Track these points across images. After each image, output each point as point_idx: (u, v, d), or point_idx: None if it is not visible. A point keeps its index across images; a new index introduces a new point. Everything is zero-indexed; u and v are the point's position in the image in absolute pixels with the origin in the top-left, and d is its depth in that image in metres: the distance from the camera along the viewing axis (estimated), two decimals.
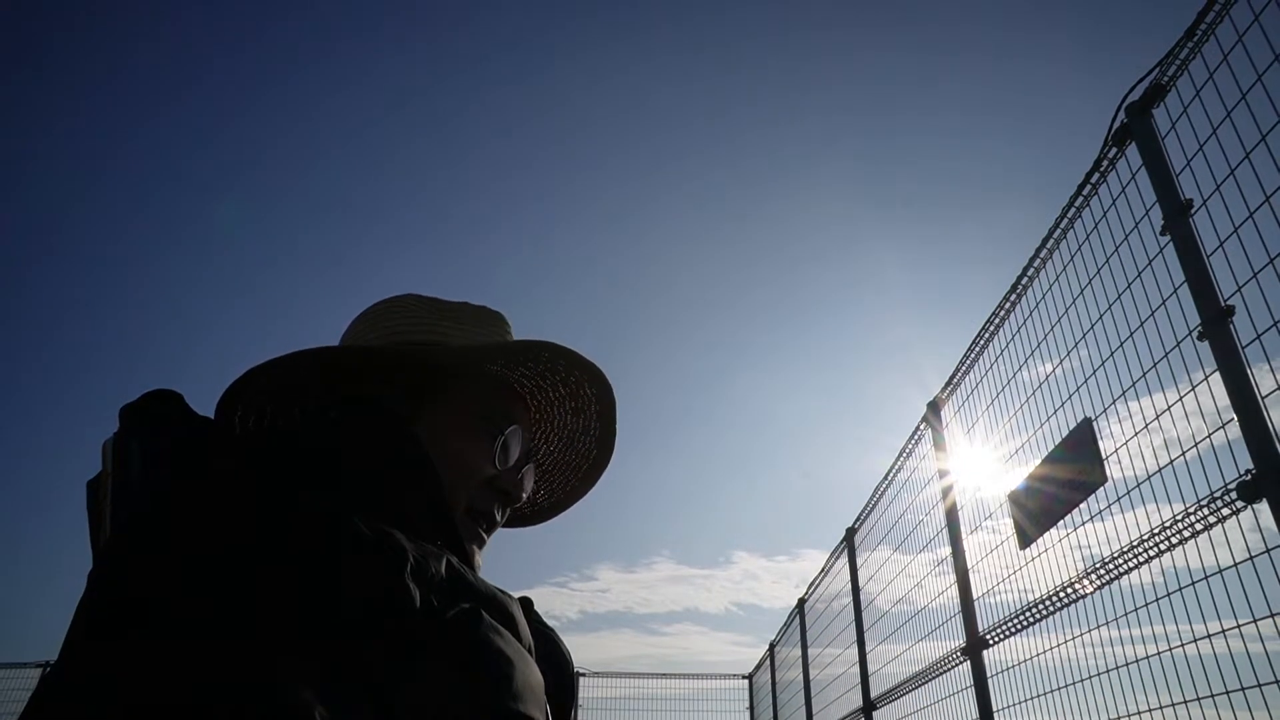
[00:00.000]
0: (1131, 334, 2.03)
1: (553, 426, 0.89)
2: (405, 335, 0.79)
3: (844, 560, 5.15)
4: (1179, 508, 1.83)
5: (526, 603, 0.77)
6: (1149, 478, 1.95)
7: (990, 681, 2.91)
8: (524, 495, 0.81)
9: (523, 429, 0.80)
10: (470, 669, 0.55)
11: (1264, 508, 1.58)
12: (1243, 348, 1.68)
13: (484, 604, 0.62)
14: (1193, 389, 1.80)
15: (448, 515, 0.69)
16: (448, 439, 0.73)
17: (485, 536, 0.77)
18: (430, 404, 0.76)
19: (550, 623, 0.81)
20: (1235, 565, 1.67)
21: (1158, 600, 1.92)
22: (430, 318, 0.80)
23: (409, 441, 0.70)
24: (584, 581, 12.42)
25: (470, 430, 0.76)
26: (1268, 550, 1.59)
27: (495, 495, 0.76)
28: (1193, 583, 1.79)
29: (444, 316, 0.81)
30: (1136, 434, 2.00)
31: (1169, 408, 1.88)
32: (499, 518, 0.78)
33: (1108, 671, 2.12)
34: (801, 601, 6.52)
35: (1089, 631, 2.23)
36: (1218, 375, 1.72)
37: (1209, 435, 1.74)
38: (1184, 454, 1.82)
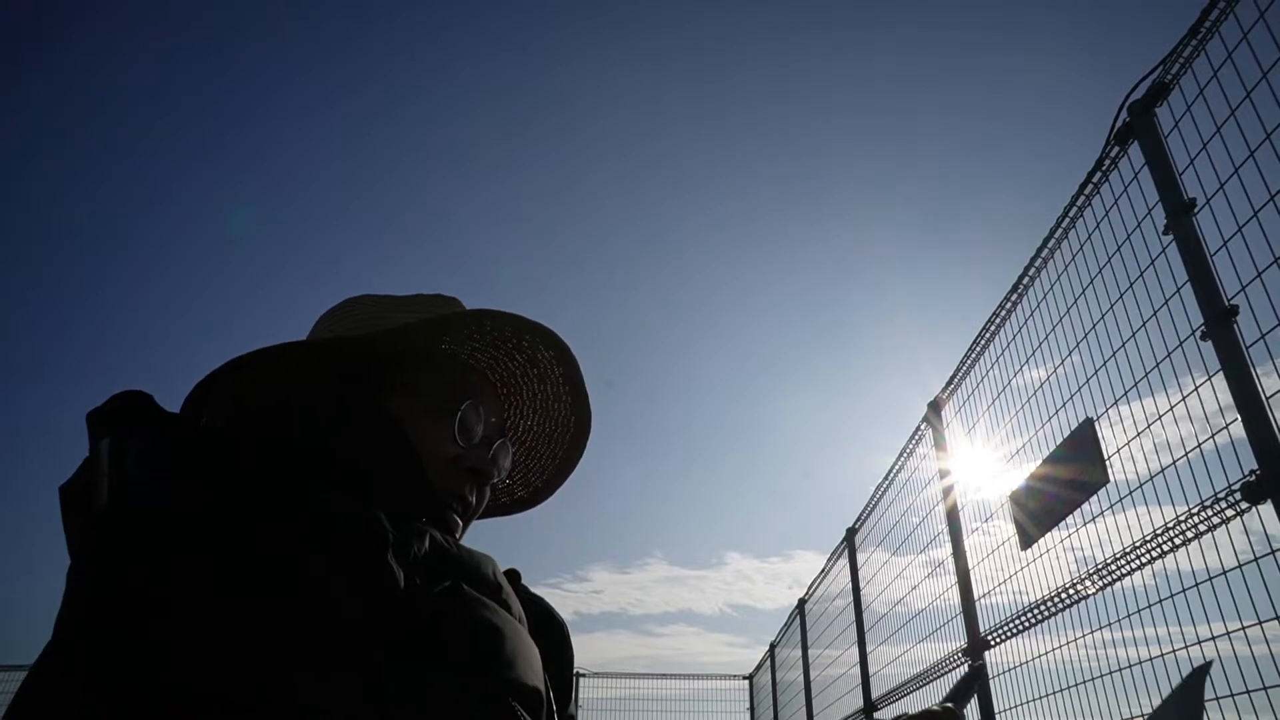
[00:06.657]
0: (1134, 334, 2.02)
1: (522, 397, 0.86)
2: (354, 331, 0.77)
3: (844, 560, 5.14)
4: (1182, 509, 1.82)
5: (514, 574, 0.77)
6: (1151, 478, 1.94)
7: (992, 683, 2.90)
8: (497, 472, 0.78)
9: (485, 403, 0.78)
10: (458, 645, 0.55)
11: (1268, 509, 1.57)
12: (1247, 348, 1.67)
13: (469, 577, 0.61)
14: (1195, 389, 1.79)
15: (429, 486, 0.69)
16: (406, 425, 0.71)
17: (460, 520, 0.74)
18: (384, 394, 0.74)
19: None
20: (1240, 567, 1.66)
21: (1160, 602, 1.91)
22: (380, 312, 0.78)
23: (375, 415, 0.70)
24: (577, 583, 12.40)
25: (427, 412, 0.73)
26: (1272, 552, 1.58)
27: (464, 475, 0.74)
28: (1196, 584, 1.78)
29: (395, 309, 0.79)
30: (1139, 434, 1.99)
31: (1171, 408, 1.87)
32: (472, 498, 0.75)
33: (1110, 673, 2.11)
34: (802, 602, 6.51)
35: (1091, 633, 2.22)
36: (1221, 376, 1.71)
37: (1212, 436, 1.73)
38: (1187, 455, 1.81)
